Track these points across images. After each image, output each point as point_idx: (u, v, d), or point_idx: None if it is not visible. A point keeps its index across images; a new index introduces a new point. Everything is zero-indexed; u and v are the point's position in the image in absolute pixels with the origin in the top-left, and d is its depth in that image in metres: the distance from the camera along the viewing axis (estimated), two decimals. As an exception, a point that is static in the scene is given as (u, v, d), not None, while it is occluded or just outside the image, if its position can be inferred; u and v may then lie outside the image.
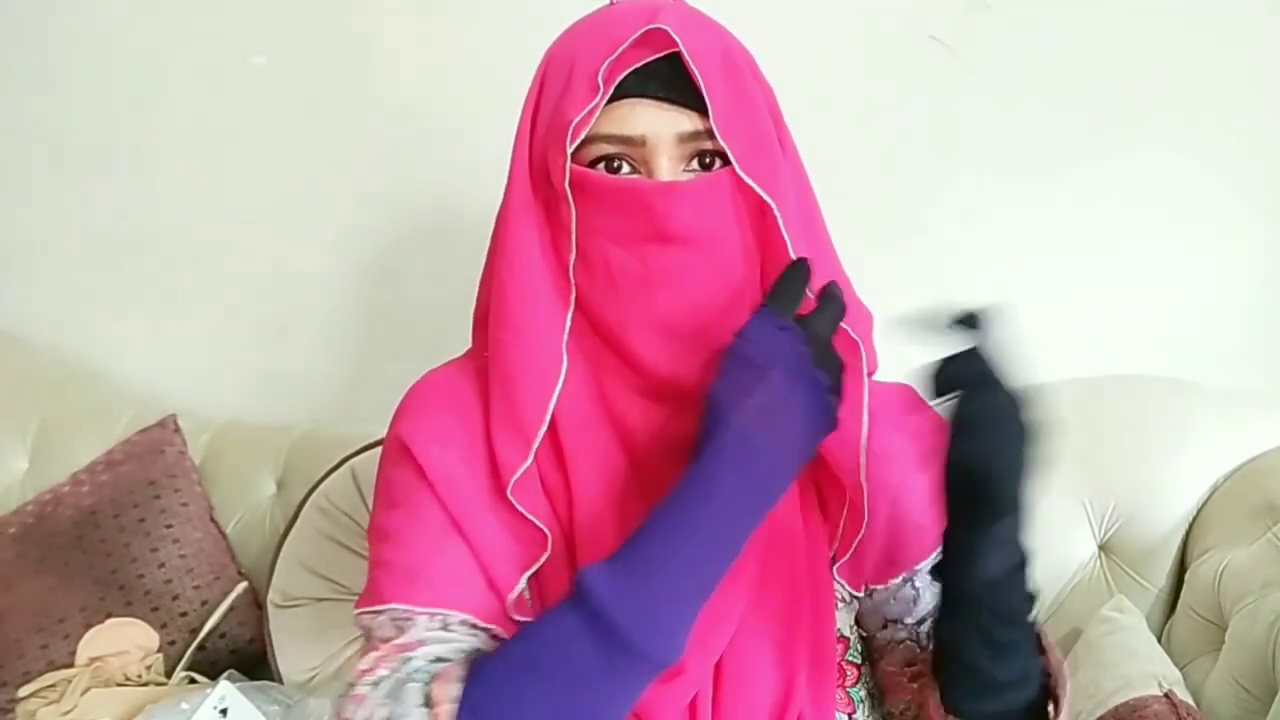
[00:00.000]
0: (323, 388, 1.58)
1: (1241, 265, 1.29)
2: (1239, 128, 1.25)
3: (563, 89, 0.69)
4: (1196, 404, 1.20)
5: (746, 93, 0.70)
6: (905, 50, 1.29)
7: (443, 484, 0.72)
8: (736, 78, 0.69)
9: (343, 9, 1.46)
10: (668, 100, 0.67)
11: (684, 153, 0.69)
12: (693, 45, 0.67)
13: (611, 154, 0.69)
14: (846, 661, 0.78)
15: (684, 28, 0.68)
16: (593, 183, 0.69)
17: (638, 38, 0.67)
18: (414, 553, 0.71)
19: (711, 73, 0.67)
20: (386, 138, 1.48)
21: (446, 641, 0.67)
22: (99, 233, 1.63)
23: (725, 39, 0.72)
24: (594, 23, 0.72)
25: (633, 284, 0.69)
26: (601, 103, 0.67)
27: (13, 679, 1.30)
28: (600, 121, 0.68)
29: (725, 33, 0.73)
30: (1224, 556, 1.08)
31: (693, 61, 0.66)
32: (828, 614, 0.75)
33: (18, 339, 1.65)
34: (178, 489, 1.44)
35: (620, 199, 0.69)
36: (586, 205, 0.70)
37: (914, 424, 0.77)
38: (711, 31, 0.72)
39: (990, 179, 1.31)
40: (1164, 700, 0.95)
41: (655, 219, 0.68)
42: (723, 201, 0.69)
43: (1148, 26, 1.24)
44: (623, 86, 0.67)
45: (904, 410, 0.78)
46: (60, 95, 1.61)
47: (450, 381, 0.79)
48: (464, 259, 1.47)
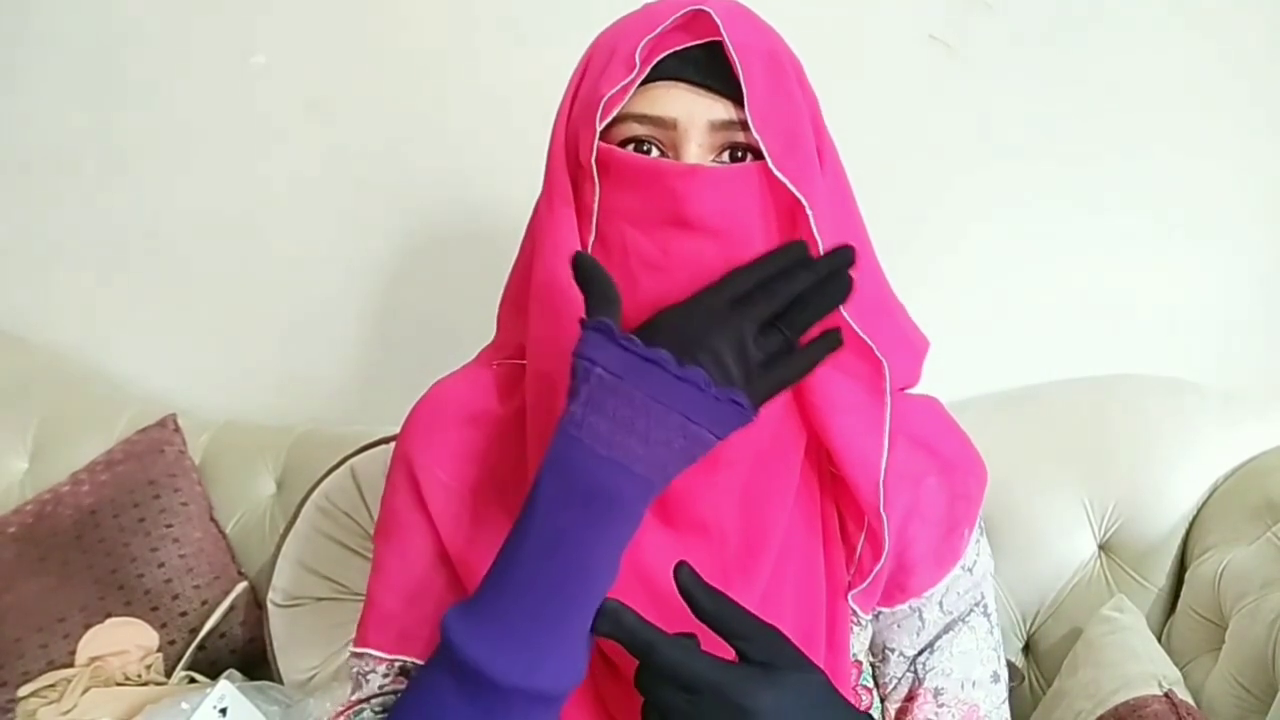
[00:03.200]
0: (323, 388, 1.58)
1: (1242, 266, 1.29)
2: (1239, 128, 1.25)
3: (601, 69, 0.68)
4: (1196, 404, 1.20)
5: (787, 91, 0.67)
6: (905, 50, 1.29)
7: (440, 514, 0.73)
8: (779, 75, 0.67)
9: (351, 9, 1.46)
10: (704, 86, 0.66)
11: (715, 141, 0.66)
12: (737, 36, 0.65)
13: (642, 135, 0.67)
14: (861, 686, 0.78)
15: (730, 18, 0.66)
16: (617, 160, 0.67)
17: (680, 19, 0.66)
18: (393, 594, 0.74)
19: (752, 64, 0.65)
20: (387, 138, 1.48)
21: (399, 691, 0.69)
22: (99, 233, 1.62)
23: (773, 39, 0.70)
24: (644, 10, 0.70)
25: (648, 269, 0.66)
26: (637, 80, 0.65)
27: (13, 679, 1.30)
28: (633, 101, 0.66)
29: (775, 34, 0.71)
30: (1224, 556, 1.08)
31: (734, 50, 0.64)
32: (843, 642, 0.73)
33: (17, 338, 1.65)
34: (178, 489, 1.44)
35: (642, 177, 0.66)
36: (610, 185, 0.68)
37: (934, 440, 0.76)
38: (759, 29, 0.70)
39: (990, 179, 1.31)
40: (1164, 700, 0.95)
41: (676, 201, 0.65)
42: (749, 194, 0.66)
43: (1148, 27, 1.24)
44: (660, 68, 0.66)
45: (925, 425, 0.77)
46: (60, 95, 1.60)
47: (463, 392, 0.78)
48: (465, 259, 1.48)
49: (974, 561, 0.77)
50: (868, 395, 0.70)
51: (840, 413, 0.69)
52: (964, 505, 0.76)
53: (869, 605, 0.75)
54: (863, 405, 0.70)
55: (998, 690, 0.78)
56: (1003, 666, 0.80)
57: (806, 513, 0.73)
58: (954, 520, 0.75)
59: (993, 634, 0.79)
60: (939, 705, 0.76)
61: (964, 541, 0.76)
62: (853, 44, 1.31)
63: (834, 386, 0.69)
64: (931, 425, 0.78)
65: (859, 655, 0.77)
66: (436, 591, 0.73)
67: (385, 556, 0.76)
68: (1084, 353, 1.31)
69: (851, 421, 0.70)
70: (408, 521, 0.75)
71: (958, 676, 0.76)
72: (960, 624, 0.77)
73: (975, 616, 0.78)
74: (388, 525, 0.76)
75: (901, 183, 1.33)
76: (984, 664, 0.77)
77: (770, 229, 0.67)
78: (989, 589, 0.80)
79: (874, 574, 0.72)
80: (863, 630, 0.77)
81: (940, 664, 0.76)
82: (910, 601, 0.75)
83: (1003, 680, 0.79)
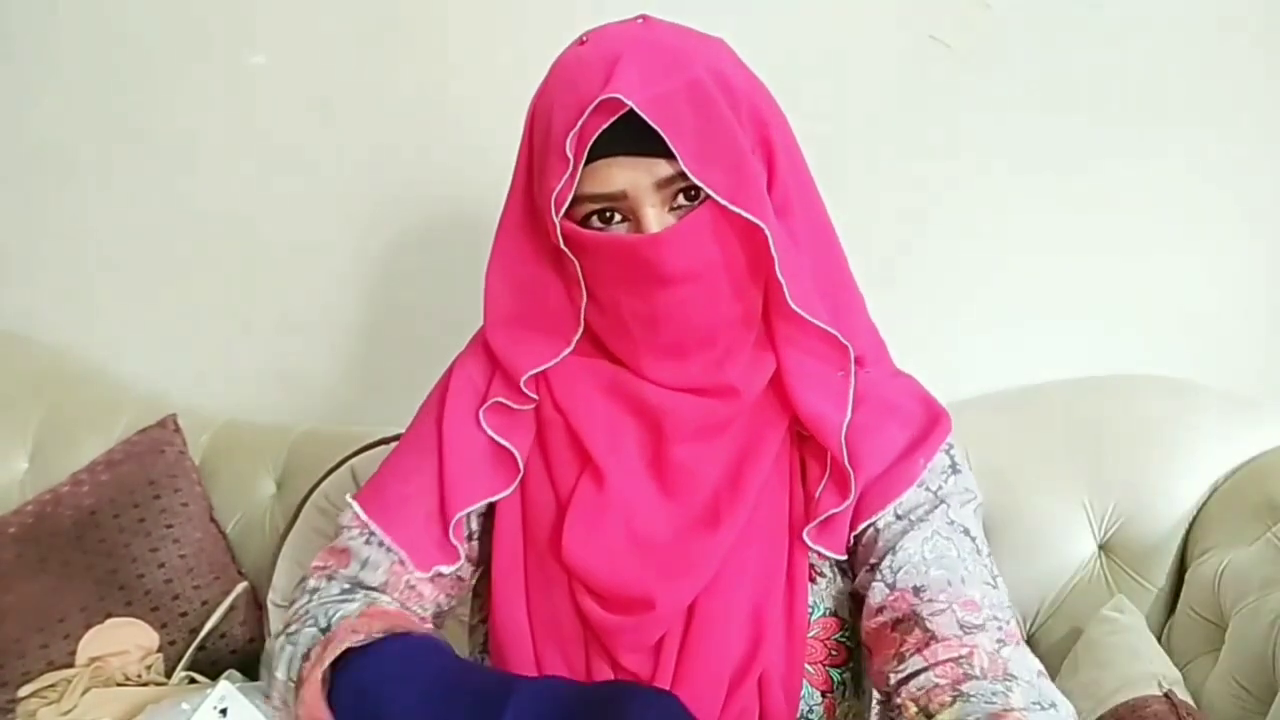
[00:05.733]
0: (323, 387, 1.58)
1: (1242, 266, 1.29)
2: (1240, 128, 1.25)
3: (543, 153, 0.73)
4: (1196, 404, 1.20)
5: (718, 119, 0.70)
6: (905, 50, 1.29)
7: (453, 394, 0.82)
8: (705, 107, 0.70)
9: (351, 9, 1.46)
10: (639, 154, 0.69)
11: (667, 196, 0.71)
12: (650, 91, 0.68)
13: (601, 208, 0.72)
14: (836, 641, 0.79)
15: (644, 72, 0.69)
16: (587, 241, 0.73)
17: (595, 108, 0.68)
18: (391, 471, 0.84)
19: (675, 116, 0.68)
20: (388, 138, 1.48)
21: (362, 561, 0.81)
22: (99, 232, 1.63)
23: (691, 66, 0.71)
24: (563, 74, 0.73)
25: (641, 324, 0.75)
26: (575, 172, 0.70)
27: (13, 679, 1.30)
28: (582, 183, 0.71)
29: (693, 53, 0.72)
30: (1224, 556, 1.08)
31: (651, 116, 0.67)
32: (801, 580, 0.77)
33: (18, 338, 1.65)
34: (178, 489, 1.44)
35: (613, 253, 0.73)
36: (588, 258, 0.74)
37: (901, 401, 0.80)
38: (674, 64, 0.71)
39: (990, 179, 1.31)
40: (1164, 700, 0.95)
41: (650, 267, 0.71)
42: (714, 232, 0.72)
43: (1148, 27, 1.24)
44: (595, 147, 0.69)
45: (896, 392, 0.81)
46: (61, 97, 1.61)
47: None
48: (465, 259, 1.47)
49: (938, 486, 0.77)
50: (833, 372, 0.77)
51: (808, 388, 0.76)
52: (920, 442, 0.78)
53: (838, 544, 0.77)
54: (828, 380, 0.77)
55: (997, 595, 0.73)
56: (1002, 587, 0.75)
57: (778, 467, 0.78)
58: (909, 451, 0.77)
59: (981, 556, 0.75)
60: (926, 602, 0.71)
61: (918, 467, 0.76)
62: (853, 44, 1.31)
63: (803, 369, 0.77)
64: (903, 393, 0.82)
65: (837, 611, 0.79)
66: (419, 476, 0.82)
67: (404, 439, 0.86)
68: (1084, 353, 1.31)
69: (819, 394, 0.76)
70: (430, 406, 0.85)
71: (937, 574, 0.72)
72: (924, 526, 0.74)
73: (942, 526, 0.74)
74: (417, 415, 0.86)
75: (901, 183, 1.33)
76: (972, 570, 0.73)
77: (738, 252, 0.73)
78: (970, 518, 0.77)
79: (836, 511, 0.75)
80: (830, 583, 0.79)
81: (910, 563, 0.73)
82: (865, 522, 0.76)
83: (1004, 591, 0.74)
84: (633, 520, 0.77)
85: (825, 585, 0.79)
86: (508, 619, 0.79)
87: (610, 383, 0.78)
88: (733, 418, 0.77)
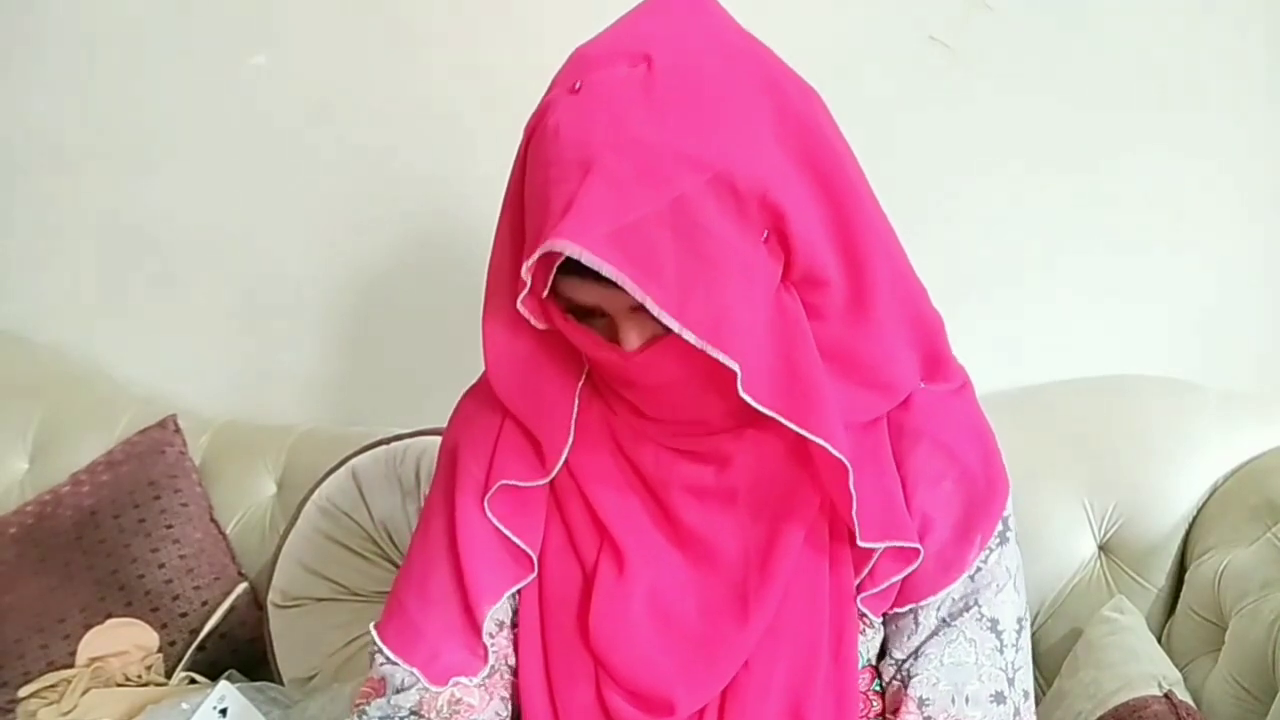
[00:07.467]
0: (323, 387, 1.58)
1: (1242, 266, 1.28)
2: (1240, 127, 1.25)
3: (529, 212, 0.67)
4: (1196, 404, 1.20)
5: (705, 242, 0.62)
6: (905, 50, 1.29)
7: (460, 485, 0.79)
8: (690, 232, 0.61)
9: (351, 10, 1.46)
10: (603, 282, 0.61)
11: (644, 315, 0.64)
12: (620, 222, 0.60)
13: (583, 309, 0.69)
14: (873, 692, 0.78)
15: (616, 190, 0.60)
16: (564, 328, 0.71)
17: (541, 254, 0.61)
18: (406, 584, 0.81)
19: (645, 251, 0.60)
20: (388, 138, 1.48)
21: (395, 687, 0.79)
22: (99, 233, 1.63)
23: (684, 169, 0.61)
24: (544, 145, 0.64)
25: (630, 388, 0.74)
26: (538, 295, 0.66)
27: (13, 679, 1.30)
28: (559, 284, 0.66)
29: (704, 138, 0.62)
30: (1224, 557, 1.08)
31: (612, 260, 0.60)
32: (850, 645, 0.74)
33: (18, 339, 1.65)
34: (178, 489, 1.44)
35: (591, 352, 0.72)
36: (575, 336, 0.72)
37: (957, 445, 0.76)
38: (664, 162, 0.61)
39: (989, 180, 1.31)
40: (1164, 700, 0.95)
41: (630, 377, 0.71)
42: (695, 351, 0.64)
43: (1148, 26, 1.24)
44: (564, 264, 0.63)
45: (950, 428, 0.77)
46: (60, 95, 1.61)
47: None
48: (465, 259, 1.47)
49: (977, 569, 0.74)
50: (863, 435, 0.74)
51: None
52: (980, 517, 0.74)
53: (880, 608, 0.75)
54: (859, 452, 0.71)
55: (1001, 712, 0.73)
56: (1018, 690, 0.75)
57: (814, 529, 0.74)
58: (967, 529, 0.74)
59: (1003, 653, 0.75)
60: (924, 717, 0.73)
61: (974, 551, 0.74)
62: (853, 44, 1.31)
63: None
64: (957, 429, 0.77)
65: (872, 660, 0.77)
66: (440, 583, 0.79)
67: (414, 542, 0.83)
68: (1084, 353, 1.31)
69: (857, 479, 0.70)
70: (437, 500, 0.82)
71: (945, 688, 0.73)
72: (951, 630, 0.74)
73: (971, 625, 0.74)
74: (423, 512, 0.84)
75: (901, 183, 1.32)
76: (984, 681, 0.73)
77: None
78: (1004, 605, 0.75)
79: (898, 579, 0.73)
80: (876, 634, 0.77)
81: (926, 671, 0.74)
82: (911, 605, 0.74)
83: (1013, 703, 0.74)
84: (658, 598, 0.75)
85: (871, 636, 0.77)
86: (532, 715, 0.78)
87: (615, 447, 0.77)
88: (737, 486, 0.74)
